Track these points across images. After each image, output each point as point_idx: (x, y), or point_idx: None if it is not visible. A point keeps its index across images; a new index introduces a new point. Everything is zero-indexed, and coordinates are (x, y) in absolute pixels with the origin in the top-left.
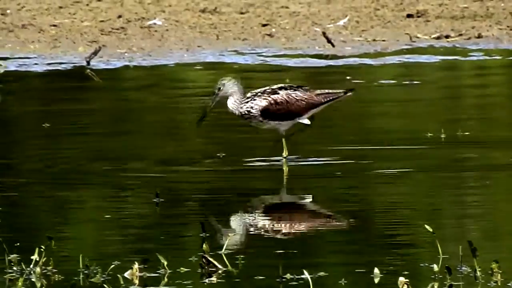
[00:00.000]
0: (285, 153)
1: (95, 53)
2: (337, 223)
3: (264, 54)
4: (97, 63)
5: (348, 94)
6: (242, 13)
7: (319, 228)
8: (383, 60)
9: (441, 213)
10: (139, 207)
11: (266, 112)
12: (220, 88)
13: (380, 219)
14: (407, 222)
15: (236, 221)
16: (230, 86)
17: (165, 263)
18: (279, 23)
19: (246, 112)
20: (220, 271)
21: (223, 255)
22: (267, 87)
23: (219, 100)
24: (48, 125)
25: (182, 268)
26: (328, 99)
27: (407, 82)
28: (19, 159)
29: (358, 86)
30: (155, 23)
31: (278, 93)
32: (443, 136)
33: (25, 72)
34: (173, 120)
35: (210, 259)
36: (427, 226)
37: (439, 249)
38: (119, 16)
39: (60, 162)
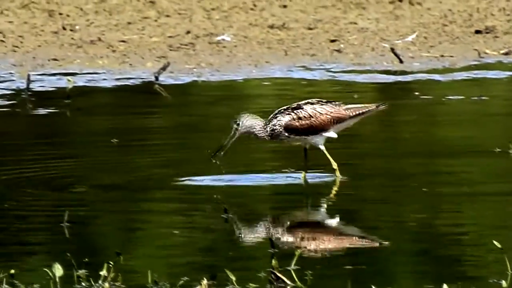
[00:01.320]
0: (334, 166)
1: (163, 68)
2: (402, 237)
3: (332, 69)
4: (166, 79)
5: (380, 108)
6: (310, 28)
7: (385, 243)
8: (451, 76)
9: (510, 229)
10: (208, 222)
11: (289, 128)
12: (238, 123)
13: (447, 234)
14: (475, 238)
15: (302, 236)
16: (247, 120)
17: (234, 279)
18: (347, 38)
19: (272, 131)
20: (289, 287)
21: (292, 271)
22: (294, 104)
23: (244, 135)
24: (116, 140)
25: (251, 284)
26: (357, 113)
27: (475, 98)
28: (88, 174)
29: (426, 102)
30: (223, 39)
31: (302, 108)
32: (511, 151)
33: (94, 88)
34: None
35: (279, 274)
36: (495, 242)
37: (508, 265)
38: (188, 32)
39: (128, 177)
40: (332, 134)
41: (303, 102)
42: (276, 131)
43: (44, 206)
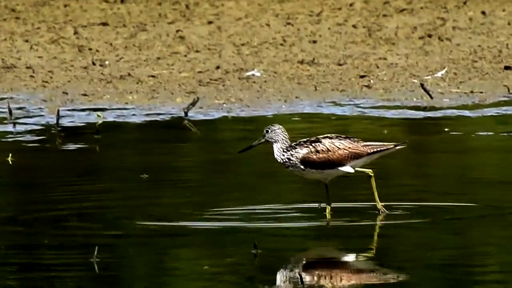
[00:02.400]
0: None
1: (193, 104)
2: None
3: (361, 105)
4: (195, 114)
5: (399, 147)
6: (340, 64)
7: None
8: (480, 112)
9: None
10: (237, 257)
11: (306, 160)
12: (267, 131)
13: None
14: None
15: (330, 273)
16: (276, 132)
17: None
18: (377, 74)
19: (286, 160)
20: None
21: None
22: (313, 137)
23: (266, 143)
24: (146, 175)
25: None
26: (374, 150)
27: (504, 134)
28: (117, 209)
29: (455, 137)
30: (253, 74)
31: (321, 142)
32: None
33: (123, 123)
34: (267, 171)
35: None
36: None
37: None
38: (218, 67)
39: (158, 212)
40: (349, 169)
41: (322, 136)
42: (291, 161)
43: (74, 241)
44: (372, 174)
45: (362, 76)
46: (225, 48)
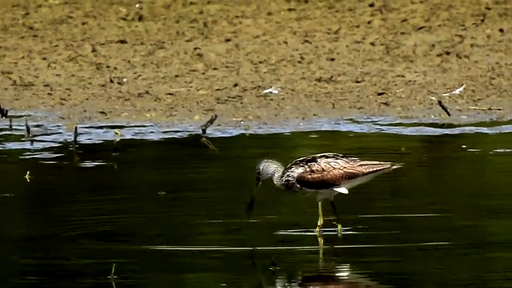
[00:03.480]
0: (320, 222)
1: (211, 121)
2: None
3: (379, 122)
4: (213, 132)
5: (395, 167)
6: (357, 81)
7: None
8: (499, 129)
9: None
10: (255, 275)
11: (301, 180)
12: (258, 172)
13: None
14: None
15: None
16: (266, 167)
17: None
18: (394, 91)
19: (286, 182)
20: None
21: None
22: (310, 156)
23: (265, 182)
24: (164, 193)
25: None
26: (370, 170)
27: None
28: (135, 227)
29: (473, 155)
30: (271, 92)
31: (316, 161)
32: None
33: (141, 140)
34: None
35: None
36: None
37: None
38: (235, 85)
39: (175, 231)
40: (343, 190)
41: (319, 155)
42: (290, 182)
43: (91, 259)
44: (320, 224)
45: (380, 94)
46: (242, 65)
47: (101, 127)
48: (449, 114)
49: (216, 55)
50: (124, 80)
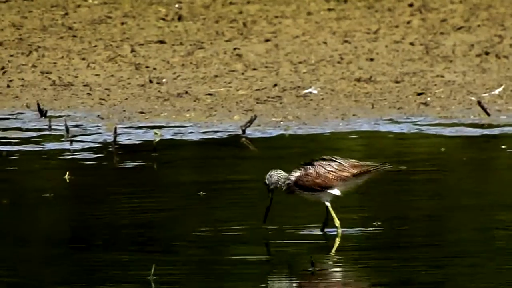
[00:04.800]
0: (336, 223)
1: (250, 121)
2: None
3: (419, 122)
4: (253, 132)
5: (385, 168)
6: (397, 82)
7: None
8: None
9: None
10: (294, 275)
11: (298, 183)
12: (267, 184)
13: None
14: None
15: None
16: (272, 176)
17: None
18: (434, 92)
19: (288, 186)
20: None
21: None
22: (309, 160)
23: (277, 190)
24: (204, 193)
25: None
26: (360, 172)
27: None
28: (175, 227)
29: None
30: (310, 92)
31: (313, 164)
32: None
33: (180, 141)
34: None
35: None
36: None
37: None
38: (275, 85)
39: (216, 231)
40: (336, 192)
41: (317, 158)
42: (290, 186)
43: (131, 259)
44: (338, 225)
45: (419, 94)
46: (282, 66)
47: (140, 127)
48: (488, 115)
49: (256, 55)
50: (164, 80)
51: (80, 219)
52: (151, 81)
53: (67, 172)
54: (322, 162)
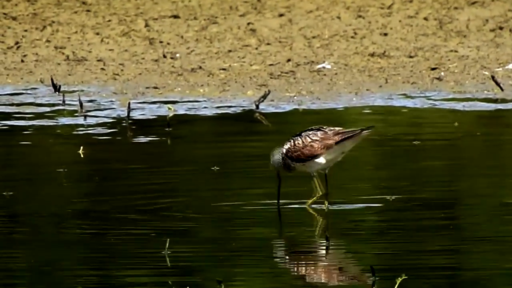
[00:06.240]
0: (318, 193)
1: (264, 96)
2: None
3: (432, 97)
4: (266, 107)
5: (365, 132)
6: (411, 56)
7: None
8: None
9: None
10: (309, 249)
11: (288, 155)
12: (274, 166)
13: None
14: None
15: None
16: (273, 157)
17: None
18: (448, 66)
19: (283, 161)
20: None
21: None
22: (301, 131)
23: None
24: (217, 168)
25: None
26: (343, 137)
27: None
28: (188, 202)
29: None
30: (324, 67)
31: (301, 135)
32: None
33: (194, 116)
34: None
35: None
36: None
37: None
38: (288, 60)
39: (229, 205)
40: (321, 159)
41: (305, 129)
42: (285, 161)
43: (145, 233)
44: (318, 195)
45: (433, 69)
46: (296, 40)
47: (154, 102)
48: (502, 89)
49: (269, 30)
50: (177, 55)
51: (94, 194)
52: (164, 56)
53: (81, 147)
54: (308, 132)
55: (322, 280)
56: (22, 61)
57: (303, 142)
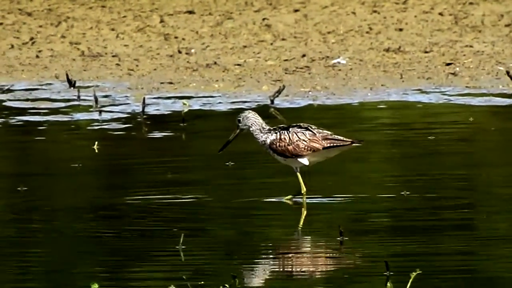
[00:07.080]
0: (303, 190)
1: (279, 92)
2: None
3: (447, 93)
4: (281, 102)
5: (355, 144)
6: (426, 52)
7: None
8: None
9: None
10: (323, 244)
11: (271, 147)
12: (239, 120)
13: None
14: None
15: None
16: (248, 117)
17: None
18: (463, 62)
19: (262, 142)
20: None
21: None
22: (286, 125)
23: (244, 132)
24: (232, 163)
25: None
26: (331, 145)
27: None
28: (203, 197)
29: None
30: (339, 62)
31: (288, 130)
32: None
33: (209, 111)
34: (357, 157)
35: None
36: None
37: None
38: (303, 55)
39: (243, 199)
40: (305, 161)
41: (294, 124)
42: (266, 144)
43: (160, 228)
44: (304, 192)
45: (448, 64)
46: (311, 36)
47: (169, 98)
48: None
49: (285, 25)
50: (192, 50)
51: (109, 189)
52: (179, 52)
53: (96, 142)
54: (297, 129)
55: (334, 276)
56: (37, 56)
57: (290, 138)
